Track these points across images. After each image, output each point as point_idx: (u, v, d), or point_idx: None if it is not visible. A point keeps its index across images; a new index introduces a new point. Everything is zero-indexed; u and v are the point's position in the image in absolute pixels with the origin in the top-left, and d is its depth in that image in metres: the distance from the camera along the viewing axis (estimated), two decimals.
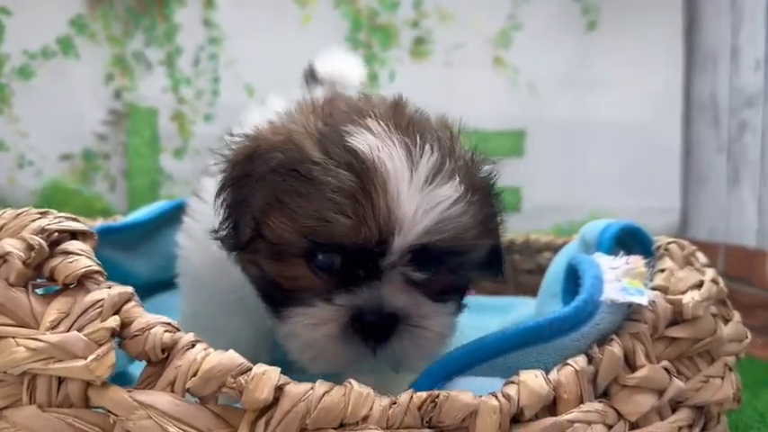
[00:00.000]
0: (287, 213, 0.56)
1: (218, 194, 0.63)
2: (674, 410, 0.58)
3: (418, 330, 0.57)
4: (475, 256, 0.61)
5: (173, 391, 0.46)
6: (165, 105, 1.75)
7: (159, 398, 0.46)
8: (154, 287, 1.11)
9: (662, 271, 0.64)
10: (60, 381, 0.47)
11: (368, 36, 1.79)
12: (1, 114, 1.69)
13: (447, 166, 0.57)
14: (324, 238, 0.55)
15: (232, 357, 0.47)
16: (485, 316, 1.14)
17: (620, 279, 0.59)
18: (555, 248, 1.17)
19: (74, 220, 0.55)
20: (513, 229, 1.79)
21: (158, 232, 1.11)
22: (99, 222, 1.08)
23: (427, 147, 0.57)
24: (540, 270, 1.20)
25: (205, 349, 0.47)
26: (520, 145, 1.86)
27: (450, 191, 0.56)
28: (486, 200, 0.62)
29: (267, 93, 1.69)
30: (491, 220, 0.63)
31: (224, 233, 0.62)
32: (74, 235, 0.54)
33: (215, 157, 0.66)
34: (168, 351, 0.47)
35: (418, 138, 0.57)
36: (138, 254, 1.10)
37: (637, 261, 0.61)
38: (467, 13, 1.81)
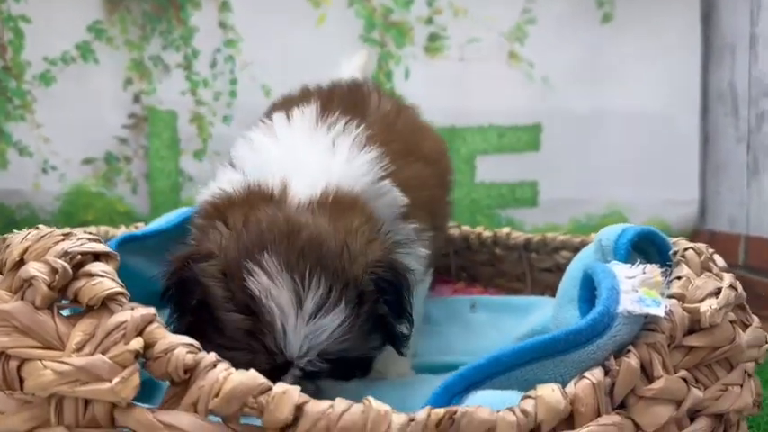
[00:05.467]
0: (205, 336, 0.67)
1: (162, 294, 0.74)
2: (692, 420, 0.58)
3: None
4: (368, 351, 0.73)
5: (196, 411, 0.47)
6: (184, 108, 1.77)
7: (182, 418, 0.47)
8: None
9: (679, 278, 0.64)
10: (87, 402, 0.48)
11: (382, 34, 1.80)
12: (23, 120, 1.72)
13: (333, 295, 0.66)
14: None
15: (253, 377, 0.48)
16: (503, 316, 1.15)
17: (636, 289, 0.59)
18: (572, 247, 1.17)
19: (96, 241, 0.57)
20: (531, 223, 1.82)
21: (180, 239, 1.13)
22: (121, 230, 1.10)
23: (314, 283, 0.66)
24: (558, 268, 1.20)
25: (226, 369, 0.48)
26: (536, 139, 1.85)
27: (334, 318, 0.66)
28: (373, 301, 0.71)
29: (283, 93, 1.72)
30: (381, 319, 0.72)
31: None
32: (96, 256, 0.55)
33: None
34: (191, 371, 0.48)
35: (307, 273, 0.66)
36: (160, 261, 1.11)
37: (653, 270, 0.61)
38: (480, 7, 1.80)
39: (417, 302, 0.93)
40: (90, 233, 0.61)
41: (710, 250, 0.74)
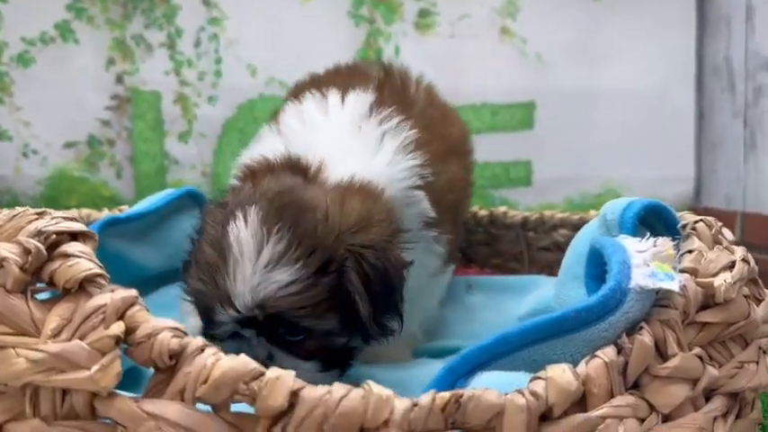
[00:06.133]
0: (185, 279, 0.76)
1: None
2: (707, 399, 0.55)
3: None
4: (324, 326, 0.72)
5: (182, 400, 0.44)
6: (168, 88, 1.72)
7: (168, 407, 0.44)
8: (164, 278, 1.09)
9: (690, 252, 0.61)
10: (65, 392, 0.45)
11: (371, 11, 1.75)
12: (2, 104, 1.66)
13: (291, 252, 0.69)
14: (195, 302, 0.74)
15: (244, 362, 0.44)
16: (501, 296, 1.12)
17: (648, 263, 0.56)
18: (571, 225, 1.14)
19: (72, 220, 0.53)
20: (525, 203, 1.79)
21: (167, 221, 1.09)
22: (105, 213, 1.05)
23: (277, 238, 0.69)
24: (557, 247, 1.17)
25: (215, 354, 0.45)
26: (529, 117, 1.81)
27: (285, 273, 0.68)
28: (338, 278, 0.71)
29: (270, 73, 1.68)
30: (342, 296, 0.71)
31: None
32: (73, 236, 0.51)
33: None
34: (176, 357, 0.45)
35: (276, 228, 0.69)
36: (147, 244, 1.07)
37: (665, 243, 0.58)
38: None
39: (435, 297, 0.98)
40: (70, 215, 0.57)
41: (719, 223, 0.71)
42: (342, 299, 0.71)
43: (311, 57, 1.14)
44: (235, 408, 0.45)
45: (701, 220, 0.67)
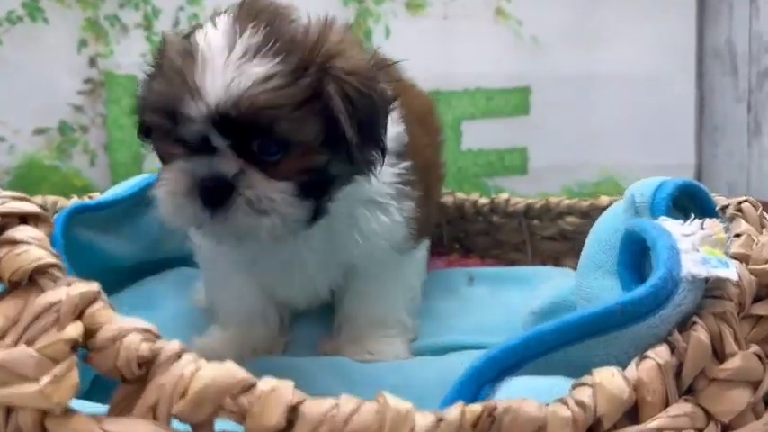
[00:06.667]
0: (147, 95, 0.72)
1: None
2: (766, 405, 0.48)
3: (243, 200, 0.66)
4: (304, 137, 0.66)
5: (155, 418, 0.36)
6: (144, 72, 1.62)
7: (138, 427, 0.35)
8: (140, 270, 1.01)
9: (738, 236, 0.54)
10: (9, 410, 0.36)
11: None
12: None
13: (268, 47, 0.64)
14: (159, 108, 0.68)
15: (231, 371, 0.36)
16: (505, 288, 1.05)
17: (697, 248, 0.49)
18: (579, 212, 1.07)
19: (23, 200, 0.44)
20: (520, 191, 1.72)
21: (143, 209, 1.00)
22: (74, 200, 0.96)
23: (249, 32, 0.65)
24: (563, 236, 1.10)
25: (194, 362, 0.37)
26: (525, 103, 1.74)
27: (261, 66, 0.63)
28: (319, 84, 0.66)
29: None
30: (322, 105, 0.66)
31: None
32: (23, 219, 0.43)
33: None
34: (147, 365, 0.37)
35: (251, 26, 0.65)
36: (121, 234, 0.99)
37: (714, 225, 0.51)
38: None
39: (413, 277, 0.90)
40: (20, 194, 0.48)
41: (759, 205, 0.64)
42: (322, 108, 0.66)
43: None
44: (219, 426, 0.36)
45: (746, 200, 0.59)
